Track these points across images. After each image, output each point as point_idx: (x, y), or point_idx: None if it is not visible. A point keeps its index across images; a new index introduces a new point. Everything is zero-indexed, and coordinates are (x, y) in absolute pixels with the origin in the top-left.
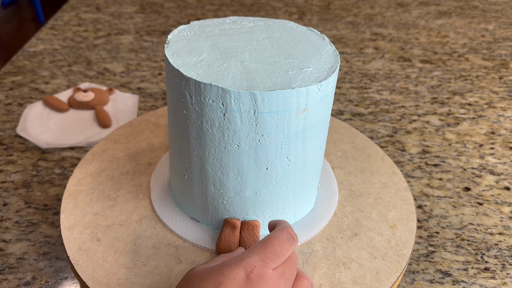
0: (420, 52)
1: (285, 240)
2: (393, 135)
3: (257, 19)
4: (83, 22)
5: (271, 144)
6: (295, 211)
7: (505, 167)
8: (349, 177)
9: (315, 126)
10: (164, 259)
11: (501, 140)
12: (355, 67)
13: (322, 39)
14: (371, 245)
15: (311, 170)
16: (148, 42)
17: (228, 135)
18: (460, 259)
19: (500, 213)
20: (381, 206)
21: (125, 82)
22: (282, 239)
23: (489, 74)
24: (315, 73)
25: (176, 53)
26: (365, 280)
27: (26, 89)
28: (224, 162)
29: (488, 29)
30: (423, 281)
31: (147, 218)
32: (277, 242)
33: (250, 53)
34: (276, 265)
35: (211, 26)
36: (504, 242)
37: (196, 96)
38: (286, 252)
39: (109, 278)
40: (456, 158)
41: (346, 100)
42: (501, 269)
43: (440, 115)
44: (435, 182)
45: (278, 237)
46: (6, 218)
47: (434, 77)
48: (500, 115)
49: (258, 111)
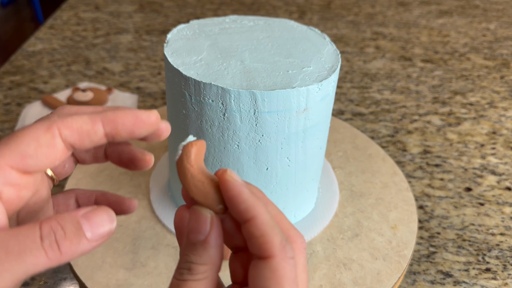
0: (421, 52)
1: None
2: (394, 135)
3: (257, 18)
4: (82, 21)
5: (271, 144)
6: (295, 211)
7: (506, 167)
8: (349, 178)
9: (315, 126)
10: (164, 260)
11: (502, 140)
12: (356, 67)
13: (323, 38)
14: (372, 245)
15: (311, 170)
16: (147, 42)
17: (228, 135)
18: (461, 259)
19: (501, 214)
20: (382, 206)
21: (124, 82)
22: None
23: (490, 73)
24: (316, 72)
25: (176, 53)
26: (366, 281)
27: (25, 89)
28: (224, 162)
29: (490, 28)
30: (424, 282)
31: (146, 219)
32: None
33: (250, 52)
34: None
35: (211, 25)
36: (506, 242)
37: (196, 96)
38: None
39: (108, 279)
40: (458, 158)
41: (347, 99)
42: (503, 270)
43: (441, 115)
44: (436, 183)
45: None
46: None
47: (435, 77)
48: (502, 115)
49: (258, 111)
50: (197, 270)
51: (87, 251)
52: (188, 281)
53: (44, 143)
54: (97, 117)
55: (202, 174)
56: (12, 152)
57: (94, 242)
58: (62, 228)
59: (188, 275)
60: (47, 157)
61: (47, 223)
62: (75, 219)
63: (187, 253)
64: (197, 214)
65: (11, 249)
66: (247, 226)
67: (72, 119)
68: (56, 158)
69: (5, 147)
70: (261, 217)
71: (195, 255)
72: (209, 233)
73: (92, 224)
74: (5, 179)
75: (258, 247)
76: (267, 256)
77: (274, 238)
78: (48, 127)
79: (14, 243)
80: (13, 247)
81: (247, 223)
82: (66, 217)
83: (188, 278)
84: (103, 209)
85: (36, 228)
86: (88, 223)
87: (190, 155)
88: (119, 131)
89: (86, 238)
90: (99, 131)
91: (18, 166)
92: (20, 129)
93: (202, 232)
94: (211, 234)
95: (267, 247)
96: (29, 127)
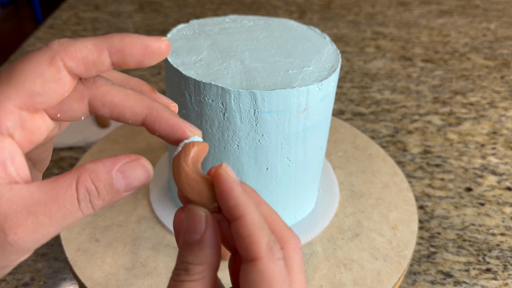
0: (421, 52)
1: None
2: (394, 135)
3: (257, 18)
4: (81, 21)
5: (271, 144)
6: (295, 211)
7: (507, 167)
8: (350, 178)
9: (315, 126)
10: (163, 260)
11: (502, 140)
12: (356, 67)
13: (323, 38)
14: (372, 246)
15: (311, 170)
16: None
17: (228, 135)
18: (461, 260)
19: (501, 214)
20: (382, 206)
21: None
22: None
23: (490, 73)
24: (316, 72)
25: (176, 52)
26: (366, 281)
27: None
28: (224, 162)
29: (490, 28)
30: (425, 282)
31: (146, 219)
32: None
33: (250, 52)
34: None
35: (211, 25)
36: (506, 242)
37: (196, 96)
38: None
39: (108, 279)
40: (458, 158)
41: (347, 99)
42: (503, 270)
43: (442, 115)
44: (436, 183)
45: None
46: None
47: (436, 77)
48: (502, 115)
49: (258, 111)
50: (194, 271)
51: (119, 200)
52: (185, 282)
53: (50, 78)
54: (103, 46)
55: (196, 173)
56: (19, 92)
57: (127, 194)
58: (96, 188)
59: (185, 276)
60: (55, 92)
61: (82, 183)
62: (110, 176)
63: (184, 253)
64: (192, 213)
65: (53, 214)
66: (235, 224)
67: (76, 48)
68: (65, 91)
69: (10, 87)
70: (250, 216)
71: (191, 255)
72: (205, 232)
73: (126, 179)
74: (16, 122)
75: (245, 248)
76: (254, 258)
77: (261, 239)
78: (51, 59)
79: (55, 208)
80: (55, 212)
81: (235, 221)
82: (100, 174)
83: (185, 279)
84: (139, 163)
85: (73, 189)
86: (123, 177)
87: (188, 154)
88: (127, 61)
89: (119, 193)
90: (106, 61)
91: (28, 106)
92: (19, 62)
93: (197, 231)
94: (207, 233)
95: (253, 248)
96: (29, 60)
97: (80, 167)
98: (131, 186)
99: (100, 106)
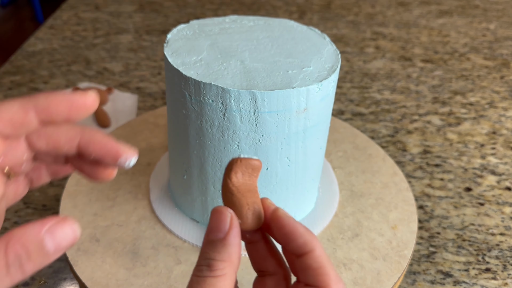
0: (421, 52)
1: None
2: (394, 135)
3: (257, 18)
4: (82, 21)
5: (271, 144)
6: (295, 211)
7: (506, 167)
8: (349, 178)
9: (315, 126)
10: (164, 260)
11: (502, 140)
12: (356, 67)
13: (323, 38)
14: (372, 246)
15: (311, 170)
16: (147, 42)
17: (228, 135)
18: (461, 259)
19: (501, 214)
20: (382, 206)
21: (124, 82)
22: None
23: (490, 73)
24: (316, 72)
25: (176, 53)
26: (366, 281)
27: (25, 89)
28: (224, 162)
29: (490, 28)
30: (424, 282)
31: (146, 219)
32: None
33: (250, 52)
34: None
35: (211, 25)
36: (506, 242)
37: (196, 96)
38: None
39: (108, 279)
40: (458, 158)
41: (347, 99)
42: (503, 270)
43: (441, 115)
44: (436, 183)
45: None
46: (5, 219)
47: (435, 77)
48: (502, 115)
49: (258, 111)
50: (216, 266)
51: (48, 263)
52: (207, 277)
53: None
54: (29, 106)
55: (235, 187)
56: None
57: (56, 256)
58: (27, 252)
59: (207, 272)
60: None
61: (12, 248)
62: (39, 238)
63: (207, 250)
64: (218, 213)
65: None
66: (304, 258)
67: (2, 110)
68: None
69: None
70: (319, 250)
71: (214, 252)
72: (229, 232)
73: (55, 239)
74: None
75: (314, 278)
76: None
77: (331, 271)
78: None
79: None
80: None
81: (304, 255)
82: (30, 237)
83: (207, 274)
84: (67, 223)
85: (2, 255)
86: (52, 238)
87: (230, 168)
88: (53, 119)
89: (49, 255)
90: (32, 120)
91: None
92: None
93: (221, 230)
94: (230, 233)
95: (324, 279)
96: None
97: (8, 234)
98: (60, 246)
99: (36, 139)
